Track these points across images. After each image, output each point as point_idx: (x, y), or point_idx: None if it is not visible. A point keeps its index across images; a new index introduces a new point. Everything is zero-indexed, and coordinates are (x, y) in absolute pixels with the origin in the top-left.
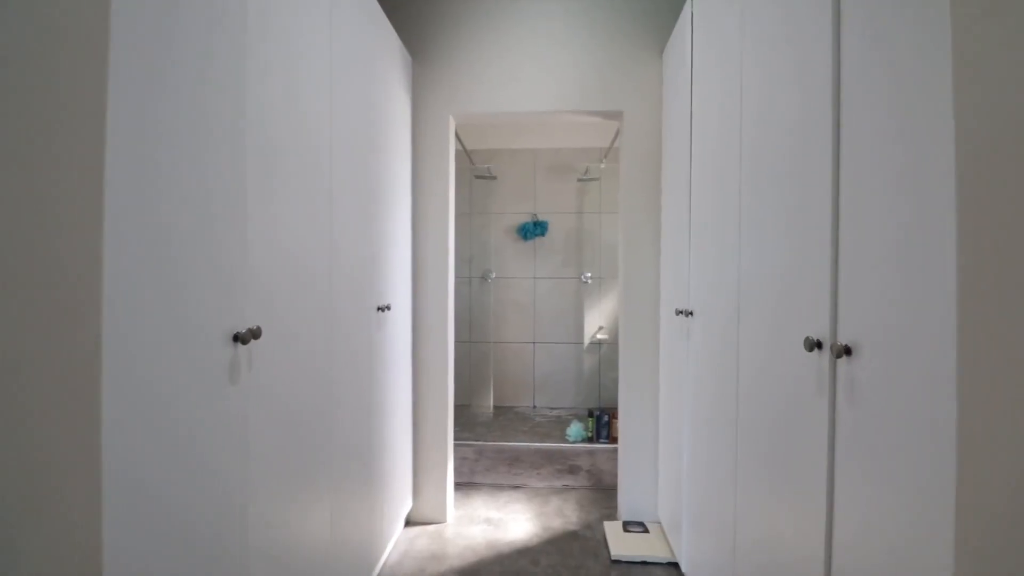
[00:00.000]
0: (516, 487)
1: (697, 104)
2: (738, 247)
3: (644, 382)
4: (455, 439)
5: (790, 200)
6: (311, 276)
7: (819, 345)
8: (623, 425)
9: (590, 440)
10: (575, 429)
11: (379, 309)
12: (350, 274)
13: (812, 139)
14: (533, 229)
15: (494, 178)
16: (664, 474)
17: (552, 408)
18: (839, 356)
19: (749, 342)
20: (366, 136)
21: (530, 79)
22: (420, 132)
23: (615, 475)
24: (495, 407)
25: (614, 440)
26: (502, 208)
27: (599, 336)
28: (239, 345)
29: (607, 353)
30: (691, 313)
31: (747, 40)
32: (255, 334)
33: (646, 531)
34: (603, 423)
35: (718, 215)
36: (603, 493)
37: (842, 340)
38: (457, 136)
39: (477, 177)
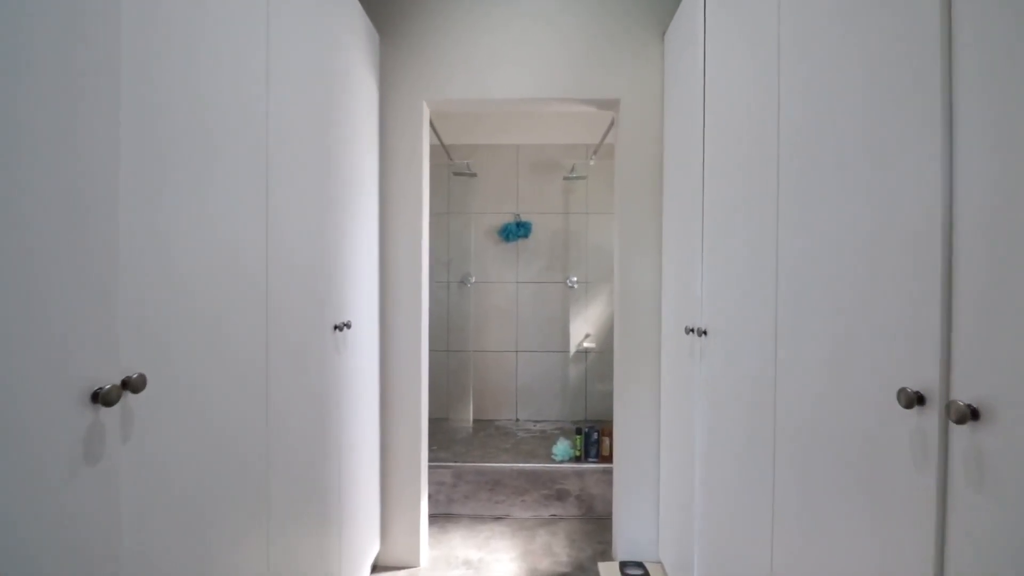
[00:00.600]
0: (498, 518)
1: (713, 90)
2: (774, 259)
3: (642, 401)
4: (430, 460)
5: (870, 197)
6: (235, 298)
7: (921, 400)
8: (619, 449)
9: (578, 459)
10: (562, 447)
11: (337, 328)
12: (298, 290)
13: (910, 118)
14: (516, 230)
15: (474, 175)
16: (667, 507)
17: (536, 422)
18: (960, 421)
19: (794, 379)
20: (320, 124)
21: (514, 62)
22: (389, 121)
23: (608, 501)
24: (475, 421)
25: (605, 459)
26: (483, 208)
27: (586, 344)
28: (101, 408)
29: (594, 362)
30: (704, 332)
31: (789, 11)
32: (135, 386)
33: (646, 574)
34: (592, 441)
35: (746, 220)
36: (596, 524)
37: (962, 397)
38: (433, 129)
39: (456, 174)
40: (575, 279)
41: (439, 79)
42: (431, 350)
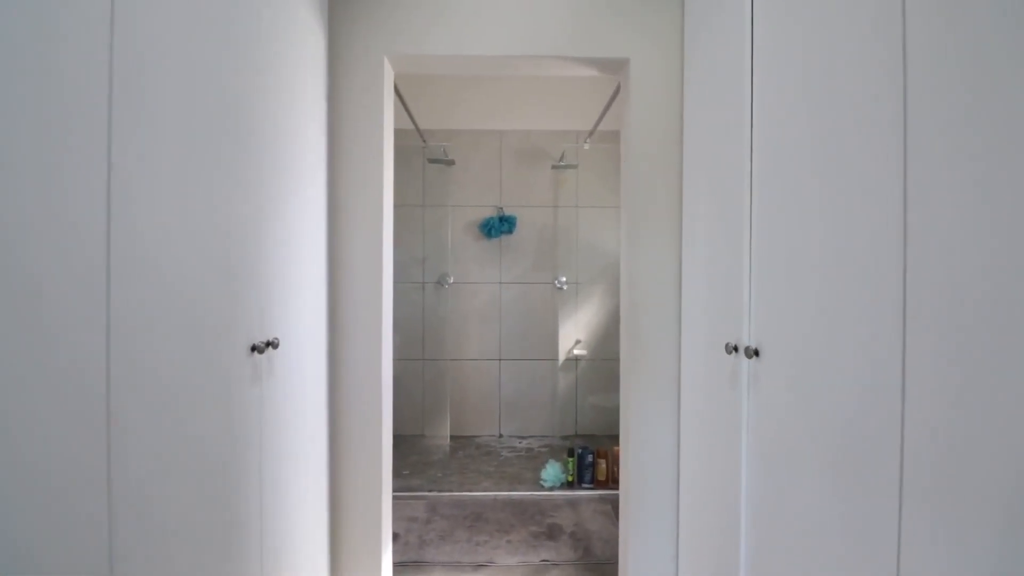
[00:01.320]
0: (480, 566)
1: (768, 43)
2: (898, 244)
3: (656, 426)
4: (401, 490)
5: None
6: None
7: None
8: (626, 485)
9: (570, 485)
10: (552, 472)
11: (256, 349)
12: (182, 304)
13: None
14: (499, 225)
15: (451, 163)
16: (693, 561)
17: (522, 438)
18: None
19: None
20: (224, 61)
21: (499, 9)
22: (342, 81)
23: (608, 540)
24: (454, 437)
25: (601, 484)
26: (462, 200)
27: (576, 352)
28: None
29: (586, 372)
30: (756, 352)
31: None
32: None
33: None
34: (586, 464)
35: (837, 191)
36: (596, 573)
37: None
38: (404, 106)
39: (431, 161)
40: (564, 279)
41: (406, 29)
42: (404, 359)
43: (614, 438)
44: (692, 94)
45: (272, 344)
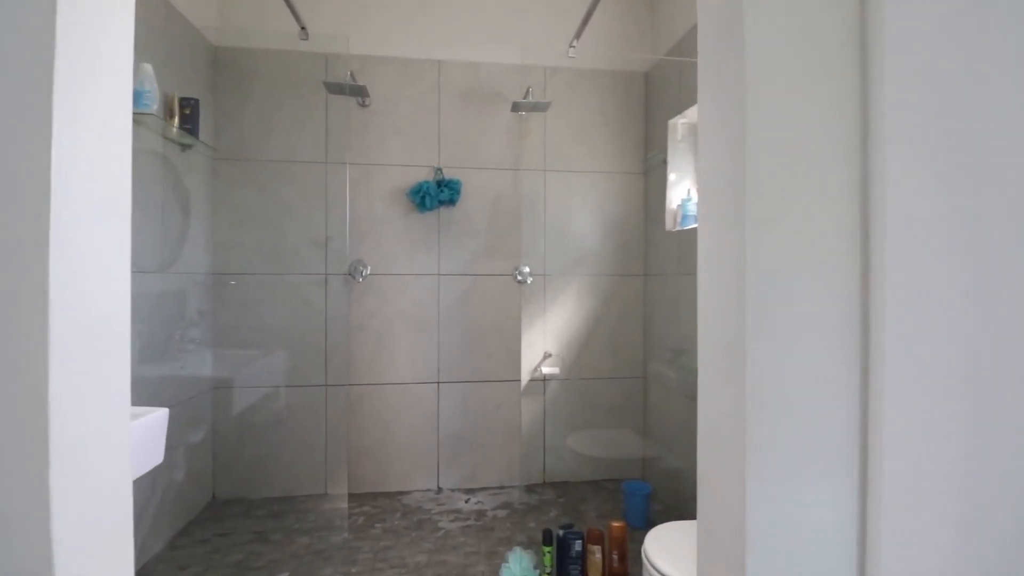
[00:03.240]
0: None
1: None
2: None
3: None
4: None
5: None
6: None
7: None
8: None
9: None
10: (518, 570)
11: None
12: None
13: None
14: (436, 192)
15: (364, 101)
16: None
17: (469, 493)
18: None
19: None
20: None
21: None
22: None
23: None
24: (371, 496)
25: None
26: (383, 156)
27: (545, 369)
28: None
29: (558, 397)
30: None
31: None
32: None
33: None
34: (571, 555)
35: None
36: None
37: None
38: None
39: (333, 91)
40: (527, 270)
41: None
42: (297, 385)
43: (601, 490)
44: None
45: None
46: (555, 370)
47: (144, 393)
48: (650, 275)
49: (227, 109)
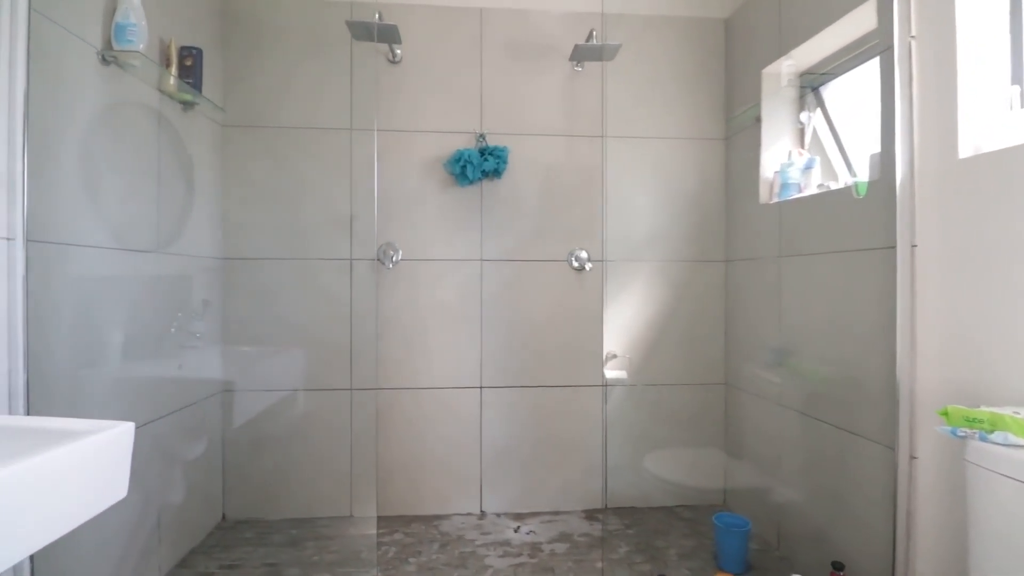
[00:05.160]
0: None
1: None
2: None
3: None
4: None
5: None
6: None
7: None
8: None
9: None
10: None
11: None
12: None
13: None
14: (478, 162)
15: (395, 55)
16: None
17: (519, 518)
18: None
19: None
20: None
21: None
22: None
23: None
24: (403, 520)
25: None
26: (417, 120)
27: (609, 373)
28: None
29: (624, 404)
30: None
31: None
32: None
33: None
34: None
35: None
36: None
37: None
38: None
39: (359, 39)
40: (586, 255)
41: None
42: (318, 388)
43: (678, 519)
44: None
45: None
46: (619, 374)
47: (128, 398)
48: (735, 260)
49: (238, 67)
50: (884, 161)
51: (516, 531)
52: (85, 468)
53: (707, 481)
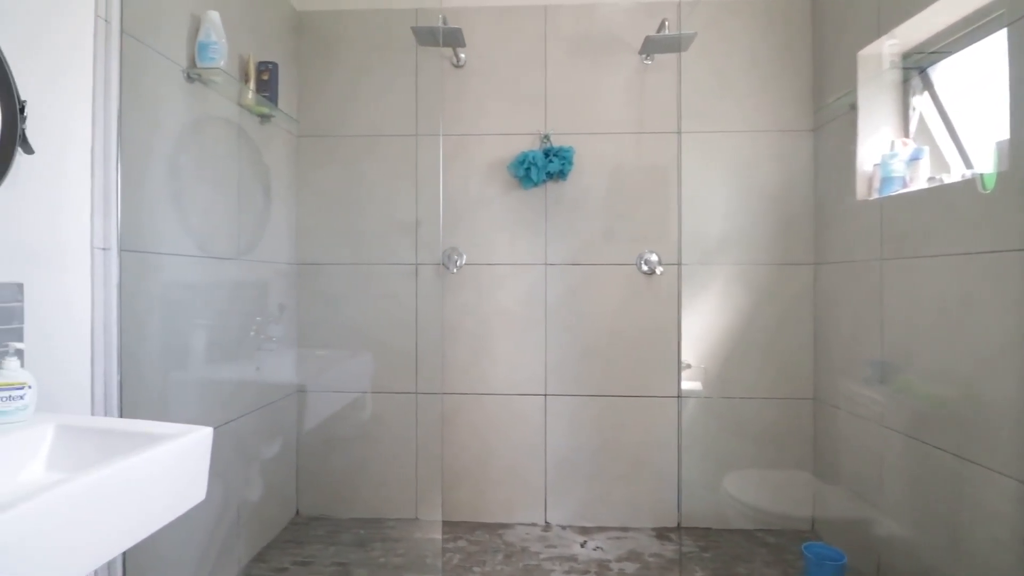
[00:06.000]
0: None
1: None
2: None
3: None
4: None
5: None
6: None
7: None
8: None
9: None
10: None
11: None
12: None
13: None
14: (543, 164)
15: (458, 59)
16: None
17: (585, 532)
18: None
19: None
20: None
21: None
22: None
23: None
24: (466, 526)
25: None
26: (479, 124)
27: (685, 384)
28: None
29: (699, 418)
30: None
31: None
32: None
33: None
34: None
35: None
36: None
37: None
38: None
39: (424, 44)
40: (656, 258)
41: None
42: (384, 391)
43: (760, 544)
44: None
45: None
46: (694, 385)
47: (211, 399)
48: (826, 263)
49: (311, 79)
50: (1015, 149)
51: (583, 546)
52: (169, 471)
53: (794, 506)
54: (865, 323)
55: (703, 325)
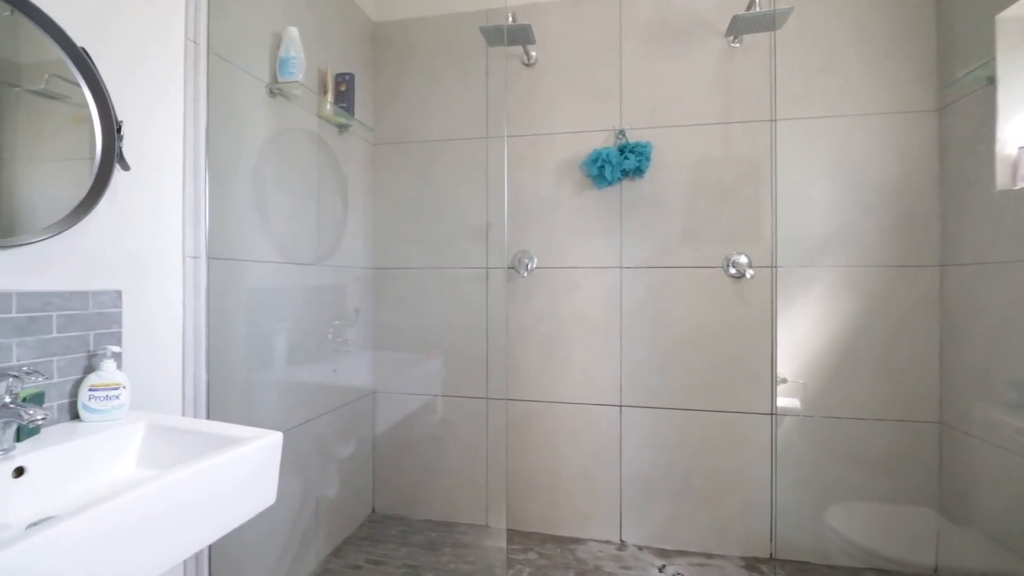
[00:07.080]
0: None
1: None
2: None
3: None
4: None
5: None
6: None
7: None
8: None
9: None
10: None
11: None
12: None
13: None
14: (618, 161)
15: (529, 57)
16: None
17: (663, 555)
18: None
19: None
20: None
21: None
22: None
23: None
24: (537, 537)
25: None
26: (553, 123)
27: (780, 400)
28: None
29: (797, 438)
30: None
31: None
32: None
33: None
34: None
35: None
36: None
37: None
38: None
39: (493, 44)
40: (745, 260)
41: None
42: (454, 396)
43: None
44: None
45: None
46: (791, 402)
47: (291, 399)
48: (956, 264)
49: (385, 88)
50: None
51: (661, 570)
52: (242, 472)
53: (912, 547)
54: (1007, 336)
55: (801, 335)
